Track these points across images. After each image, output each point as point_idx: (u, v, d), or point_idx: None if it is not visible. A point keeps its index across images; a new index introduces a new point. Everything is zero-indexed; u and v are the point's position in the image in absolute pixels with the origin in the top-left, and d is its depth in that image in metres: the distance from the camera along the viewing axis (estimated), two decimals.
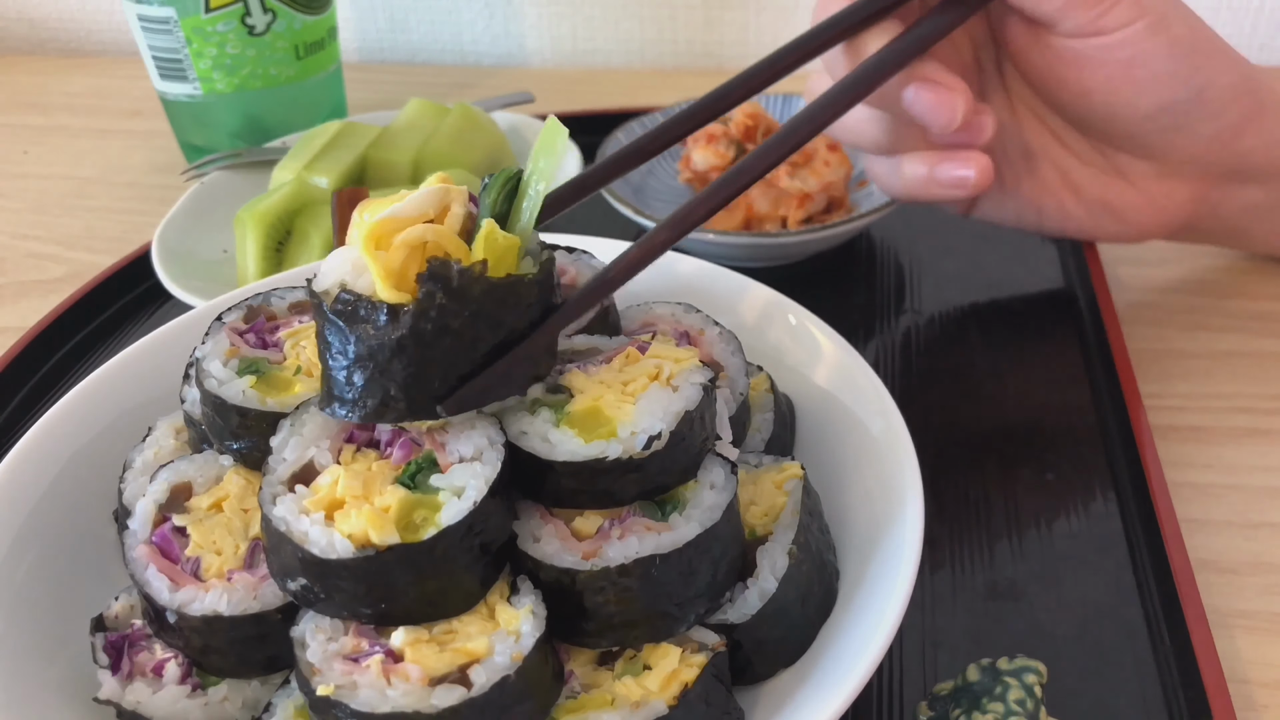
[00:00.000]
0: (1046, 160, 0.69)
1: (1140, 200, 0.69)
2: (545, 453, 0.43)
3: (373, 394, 0.40)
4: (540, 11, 1.34)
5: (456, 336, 0.40)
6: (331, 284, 0.41)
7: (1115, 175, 0.69)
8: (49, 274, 0.92)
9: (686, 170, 0.88)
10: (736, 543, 0.45)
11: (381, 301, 0.40)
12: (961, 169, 0.64)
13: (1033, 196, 0.71)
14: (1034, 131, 0.69)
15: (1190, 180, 0.68)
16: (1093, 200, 0.69)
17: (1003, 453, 0.65)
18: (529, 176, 0.44)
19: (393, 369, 0.40)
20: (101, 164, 1.13)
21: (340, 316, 0.40)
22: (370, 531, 0.39)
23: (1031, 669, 0.48)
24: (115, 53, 1.47)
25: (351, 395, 0.41)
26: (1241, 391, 0.70)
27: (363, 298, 0.40)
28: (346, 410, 0.41)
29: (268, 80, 1.01)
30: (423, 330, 0.39)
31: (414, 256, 0.40)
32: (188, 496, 0.48)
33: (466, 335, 0.40)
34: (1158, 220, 0.70)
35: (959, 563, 0.57)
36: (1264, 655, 0.52)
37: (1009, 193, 0.71)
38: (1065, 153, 0.69)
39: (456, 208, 0.42)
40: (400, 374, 0.40)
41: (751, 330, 0.58)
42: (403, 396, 0.40)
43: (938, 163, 0.64)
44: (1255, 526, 0.60)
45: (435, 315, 0.39)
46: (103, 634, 0.47)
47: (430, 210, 0.42)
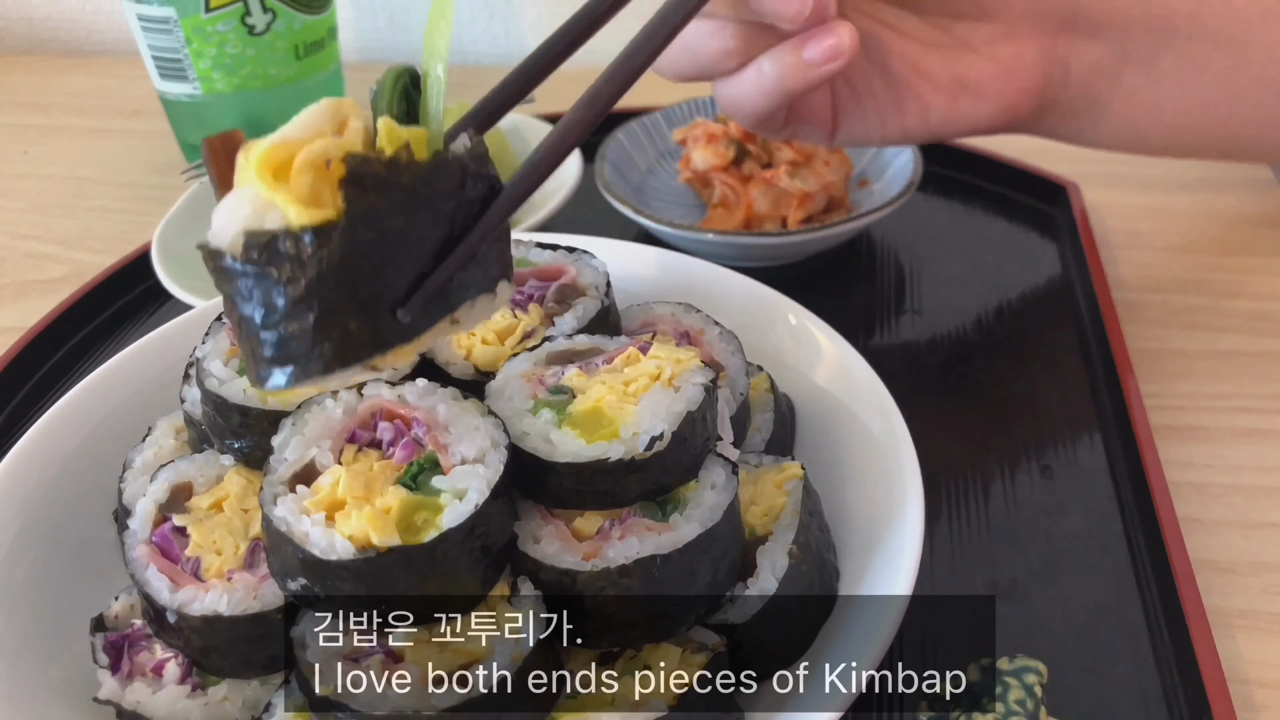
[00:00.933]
0: (892, 55, 0.67)
1: (991, 68, 0.68)
2: (547, 453, 0.43)
3: (328, 334, 0.34)
4: (540, 11, 1.34)
5: (400, 236, 0.35)
6: (232, 236, 0.34)
7: (961, 49, 0.68)
8: (49, 274, 0.92)
9: (686, 170, 0.88)
10: (737, 543, 0.45)
11: (304, 228, 0.34)
12: (830, 38, 0.60)
13: (889, 98, 0.69)
14: (871, 30, 0.67)
15: (1032, 36, 0.68)
16: (947, 82, 0.68)
17: (1003, 452, 0.65)
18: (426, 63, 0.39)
19: (341, 297, 0.34)
20: (101, 164, 1.13)
21: (259, 263, 0.34)
22: (371, 533, 0.39)
23: (1032, 669, 0.48)
24: (115, 53, 1.47)
25: (301, 348, 0.34)
26: (1241, 391, 0.70)
27: (279, 232, 0.34)
28: (300, 367, 0.35)
29: (267, 80, 1.01)
30: (363, 240, 0.34)
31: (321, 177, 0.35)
32: (188, 496, 0.48)
33: (411, 232, 0.36)
34: (1014, 87, 0.69)
35: (959, 563, 0.57)
36: (1264, 655, 0.52)
37: (865, 102, 0.69)
38: (908, 41, 0.67)
39: (354, 121, 0.37)
40: (353, 299, 0.35)
41: (751, 330, 0.58)
42: (365, 323, 0.35)
43: (802, 45, 0.61)
44: (1255, 526, 0.60)
45: (370, 218, 0.34)
46: (103, 634, 0.47)
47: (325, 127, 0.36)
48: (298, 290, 0.34)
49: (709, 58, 0.64)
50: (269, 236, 0.34)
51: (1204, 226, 0.88)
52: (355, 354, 0.35)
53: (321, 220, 0.34)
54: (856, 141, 0.72)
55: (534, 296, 0.55)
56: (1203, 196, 0.90)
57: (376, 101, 0.39)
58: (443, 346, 0.52)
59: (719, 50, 0.63)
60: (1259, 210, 0.89)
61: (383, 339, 0.35)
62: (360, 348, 0.35)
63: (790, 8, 0.57)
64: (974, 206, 0.92)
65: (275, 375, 0.35)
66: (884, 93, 0.68)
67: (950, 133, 0.70)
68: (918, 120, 0.69)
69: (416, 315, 0.36)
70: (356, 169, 0.34)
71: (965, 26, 0.67)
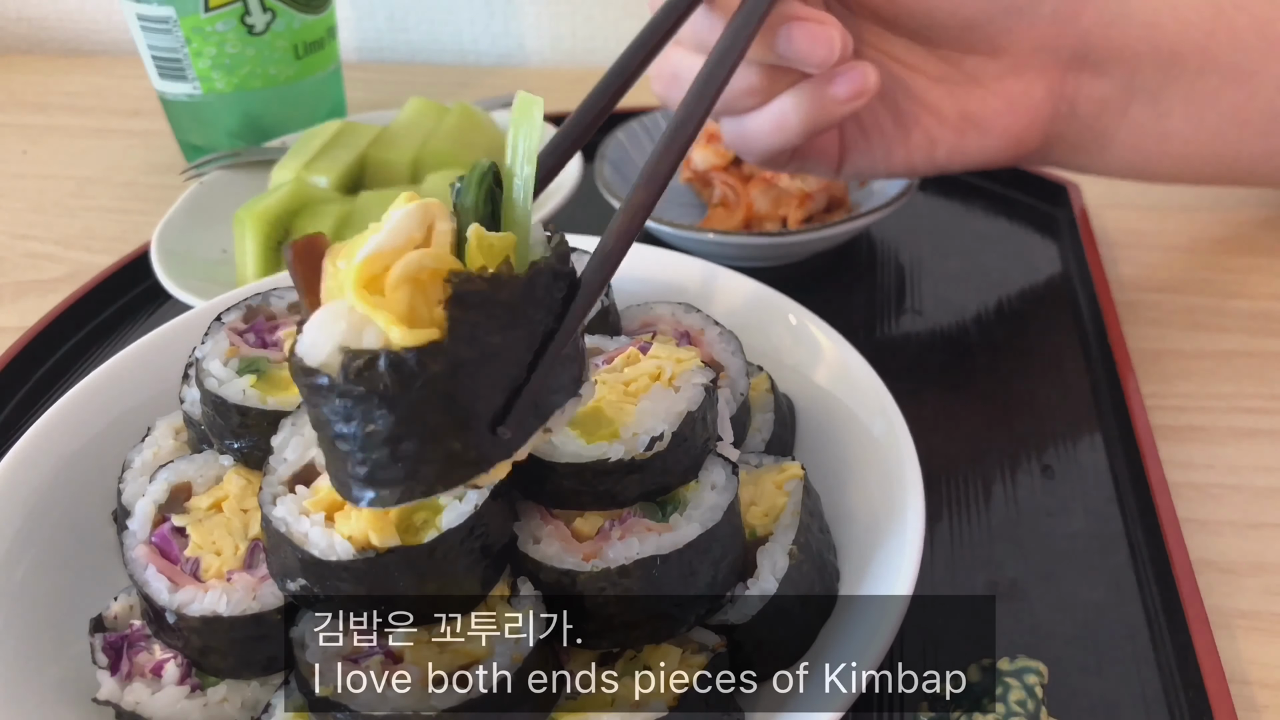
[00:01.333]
0: (900, 89, 0.68)
1: (999, 104, 0.68)
2: (547, 454, 0.42)
3: (431, 457, 0.34)
4: (540, 11, 1.34)
5: (498, 352, 0.35)
6: (328, 353, 0.33)
7: (969, 84, 0.68)
8: (48, 274, 0.92)
9: (686, 170, 0.88)
10: (737, 543, 0.45)
11: (407, 349, 0.32)
12: (855, 74, 0.61)
13: (897, 133, 0.69)
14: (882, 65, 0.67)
15: (1040, 72, 0.68)
16: (954, 116, 0.68)
17: (1003, 452, 0.65)
18: (511, 163, 0.39)
19: (444, 418, 0.33)
20: (100, 163, 1.13)
21: (358, 383, 0.32)
22: (370, 533, 0.39)
23: (1032, 669, 0.48)
24: (114, 52, 1.47)
25: (404, 470, 0.33)
26: (1241, 391, 0.69)
27: (380, 352, 0.32)
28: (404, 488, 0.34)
29: (267, 80, 1.01)
30: (465, 360, 0.33)
31: (418, 290, 0.34)
32: (187, 497, 0.48)
33: (508, 347, 0.35)
34: (1021, 123, 0.69)
35: (959, 563, 0.57)
36: (1265, 655, 0.52)
37: (873, 137, 0.70)
38: (916, 75, 0.68)
39: (441, 224, 0.36)
40: (456, 421, 0.34)
41: (751, 330, 0.58)
42: (469, 443, 0.34)
43: (827, 84, 0.62)
44: (1256, 526, 0.60)
45: (473, 337, 0.34)
46: (102, 634, 0.47)
47: (415, 233, 0.36)
48: (400, 412, 0.33)
49: (732, 97, 0.64)
50: (369, 356, 0.32)
51: (1204, 226, 0.88)
52: (459, 475, 0.34)
53: (425, 341, 0.33)
54: (862, 174, 0.72)
55: None
56: (1203, 197, 0.90)
57: (462, 201, 0.38)
58: None
59: (743, 89, 0.63)
60: (1259, 210, 0.89)
61: (486, 457, 0.35)
62: (464, 468, 0.34)
63: (818, 53, 0.58)
64: (974, 206, 0.92)
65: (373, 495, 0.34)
66: (892, 128, 0.69)
67: (956, 167, 0.71)
68: (924, 155, 0.69)
69: (515, 430, 0.35)
70: (461, 288, 0.33)
71: (974, 62, 0.67)
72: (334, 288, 0.34)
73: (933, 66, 0.68)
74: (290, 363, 0.34)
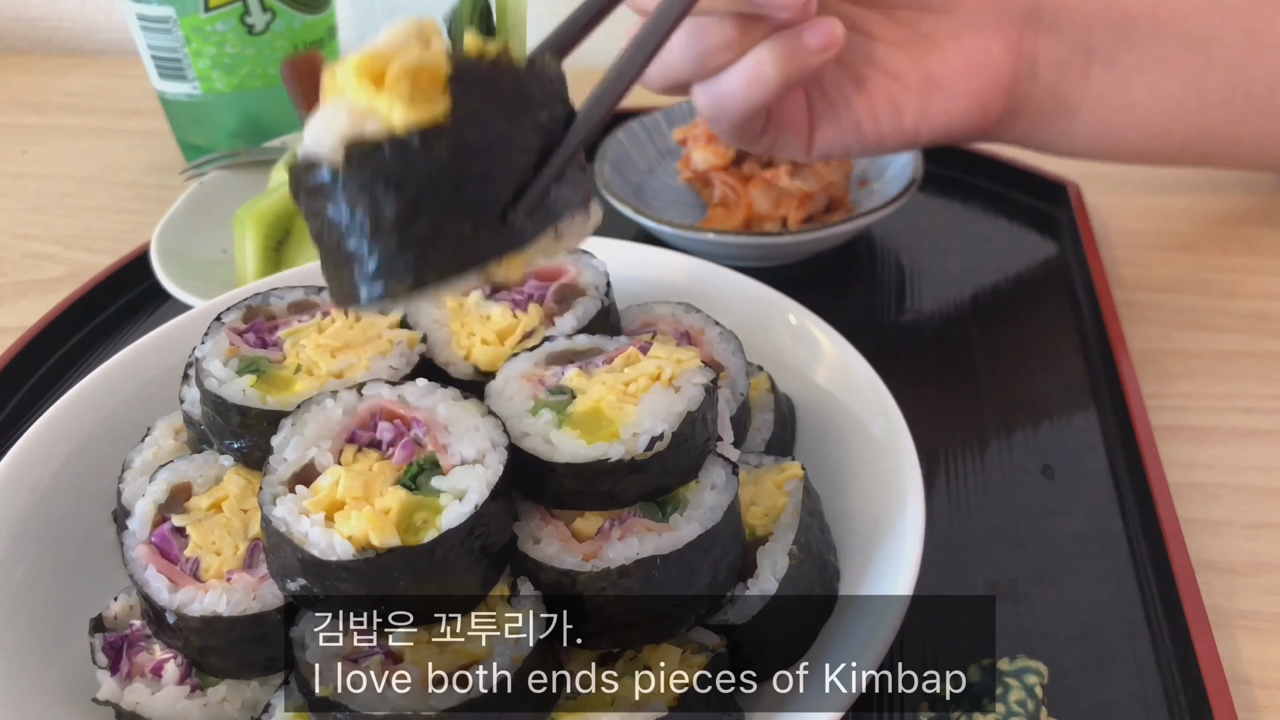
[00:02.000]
0: (860, 56, 0.68)
1: (958, 64, 0.68)
2: (547, 454, 0.42)
3: (442, 240, 0.33)
4: (540, 11, 1.34)
5: (503, 140, 0.34)
6: (330, 146, 0.33)
7: (927, 45, 0.68)
8: (48, 273, 0.92)
9: (686, 170, 0.88)
10: (737, 543, 0.45)
11: (410, 130, 0.32)
12: (824, 25, 0.61)
13: (861, 100, 0.69)
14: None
15: (995, 29, 0.68)
16: (916, 80, 0.68)
17: (1003, 452, 0.65)
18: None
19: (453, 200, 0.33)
20: (100, 163, 1.13)
21: (362, 171, 0.32)
22: (370, 533, 0.39)
23: (1032, 670, 0.48)
24: (114, 52, 1.46)
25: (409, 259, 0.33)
26: (1242, 391, 0.69)
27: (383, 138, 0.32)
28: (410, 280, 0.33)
29: (267, 80, 1.01)
30: (471, 141, 0.33)
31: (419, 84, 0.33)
32: (187, 497, 0.48)
33: (513, 138, 0.35)
34: (983, 83, 0.69)
35: (959, 563, 0.57)
36: (1265, 655, 0.52)
37: (839, 107, 0.69)
38: (874, 42, 0.68)
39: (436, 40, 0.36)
40: (465, 202, 0.33)
41: (751, 330, 0.58)
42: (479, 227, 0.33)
43: (799, 35, 0.61)
44: (1256, 526, 0.60)
45: (476, 119, 0.33)
46: (102, 634, 0.47)
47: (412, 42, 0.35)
48: (407, 196, 0.32)
49: (707, 52, 0.63)
50: (373, 143, 0.32)
51: (1204, 226, 0.88)
52: (471, 259, 0.34)
53: (429, 120, 0.33)
54: (835, 151, 0.71)
55: (534, 296, 0.55)
56: (1203, 196, 0.90)
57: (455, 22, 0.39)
58: (442, 347, 0.52)
59: (719, 43, 0.62)
60: (1259, 210, 0.89)
61: (498, 245, 0.34)
62: (476, 252, 0.34)
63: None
64: (974, 206, 0.92)
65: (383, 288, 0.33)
66: (855, 96, 0.69)
67: (926, 135, 0.70)
68: (891, 123, 0.69)
69: (525, 220, 0.35)
70: (463, 67, 0.33)
71: (929, 21, 0.68)
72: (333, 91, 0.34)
73: (890, 31, 0.68)
74: (290, 174, 0.34)
